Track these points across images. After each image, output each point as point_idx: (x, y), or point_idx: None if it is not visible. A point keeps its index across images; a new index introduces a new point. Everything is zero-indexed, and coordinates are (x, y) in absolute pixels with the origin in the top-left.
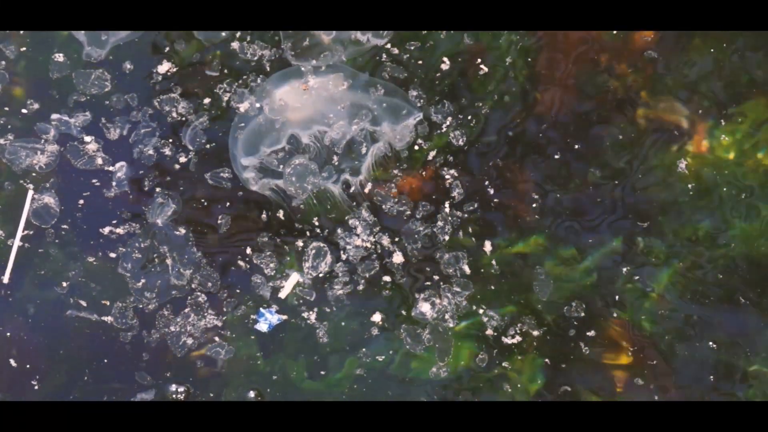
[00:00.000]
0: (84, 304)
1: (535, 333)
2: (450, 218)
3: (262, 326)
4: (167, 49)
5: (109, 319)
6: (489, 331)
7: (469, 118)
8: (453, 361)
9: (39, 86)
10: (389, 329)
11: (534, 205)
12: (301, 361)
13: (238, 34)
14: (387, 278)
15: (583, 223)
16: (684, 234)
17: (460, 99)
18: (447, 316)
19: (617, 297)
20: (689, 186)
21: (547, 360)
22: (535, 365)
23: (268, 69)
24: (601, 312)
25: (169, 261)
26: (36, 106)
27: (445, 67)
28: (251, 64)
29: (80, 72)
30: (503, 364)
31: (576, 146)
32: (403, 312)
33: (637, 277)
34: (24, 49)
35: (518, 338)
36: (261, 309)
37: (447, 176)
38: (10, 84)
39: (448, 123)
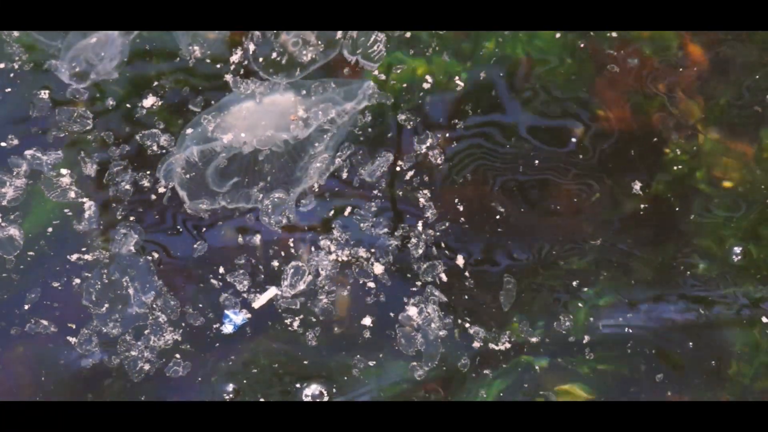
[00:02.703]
0: (45, 323)
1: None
2: (423, 236)
3: (228, 327)
4: (155, 83)
5: (73, 339)
6: (476, 344)
7: (448, 135)
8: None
9: (20, 121)
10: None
11: None
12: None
13: (233, 66)
14: (371, 284)
15: None
16: None
17: (439, 118)
18: (433, 325)
19: None
20: None
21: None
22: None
23: (258, 101)
24: None
25: (131, 291)
26: (15, 141)
27: (426, 85)
28: (242, 96)
29: (62, 109)
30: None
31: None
32: (391, 314)
33: None
34: (8, 90)
35: (507, 345)
36: (225, 311)
37: (421, 197)
38: None
39: (428, 144)
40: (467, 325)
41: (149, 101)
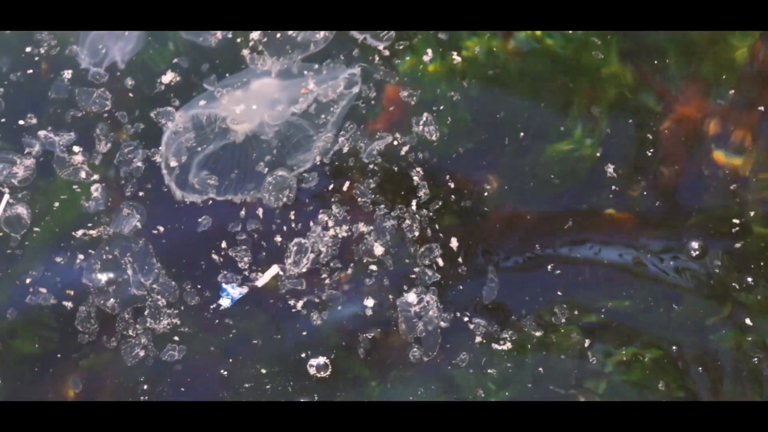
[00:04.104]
0: (44, 290)
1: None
2: (417, 216)
3: (225, 301)
4: (175, 60)
5: (69, 304)
6: (478, 339)
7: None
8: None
9: (40, 102)
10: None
11: None
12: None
13: (251, 43)
14: (373, 267)
15: None
16: None
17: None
18: (431, 313)
19: None
20: None
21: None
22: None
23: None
24: None
25: (129, 271)
26: (34, 120)
27: (426, 58)
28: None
29: (83, 90)
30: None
31: None
32: (391, 297)
33: None
34: (30, 71)
35: (509, 344)
36: (223, 284)
37: (414, 176)
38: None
39: (424, 119)
40: (466, 319)
41: (168, 77)
